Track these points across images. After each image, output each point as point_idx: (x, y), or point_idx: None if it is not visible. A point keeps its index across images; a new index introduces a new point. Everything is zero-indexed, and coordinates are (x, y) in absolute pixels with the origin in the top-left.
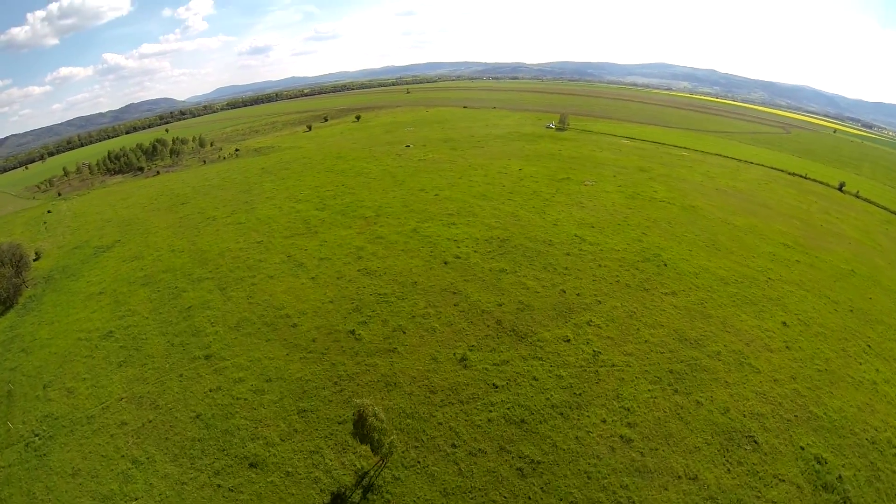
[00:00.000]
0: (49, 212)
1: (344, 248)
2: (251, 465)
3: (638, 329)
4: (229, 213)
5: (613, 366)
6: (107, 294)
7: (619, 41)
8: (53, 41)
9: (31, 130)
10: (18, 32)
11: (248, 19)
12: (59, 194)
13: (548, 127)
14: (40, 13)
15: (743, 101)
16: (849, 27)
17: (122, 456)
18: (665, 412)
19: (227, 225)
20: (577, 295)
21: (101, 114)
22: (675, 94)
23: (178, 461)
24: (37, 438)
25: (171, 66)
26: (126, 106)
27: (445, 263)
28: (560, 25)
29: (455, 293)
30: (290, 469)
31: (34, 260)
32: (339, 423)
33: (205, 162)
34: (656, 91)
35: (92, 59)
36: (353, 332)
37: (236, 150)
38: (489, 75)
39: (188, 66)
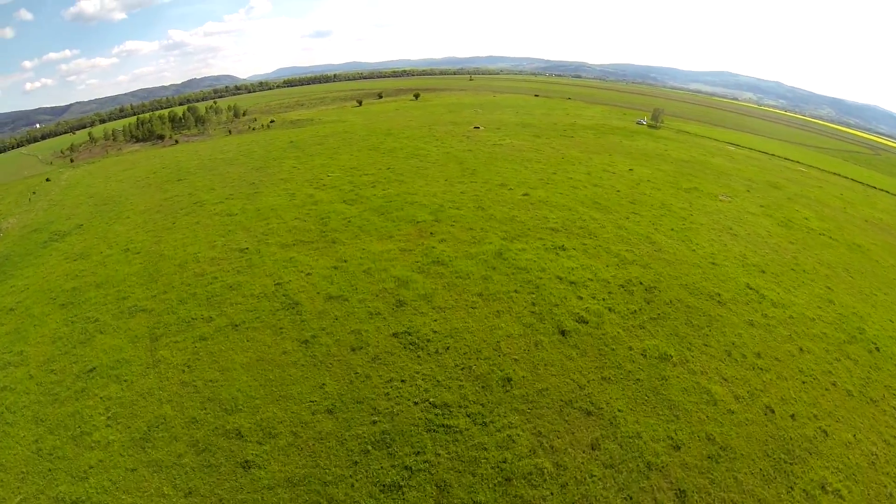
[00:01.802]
0: (47, 180)
1: (375, 278)
2: None
3: (891, 494)
4: (223, 198)
5: None
6: (16, 314)
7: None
8: (121, 15)
9: (96, 99)
10: (87, 5)
11: (313, 1)
12: (71, 161)
13: (639, 122)
14: None
15: (811, 117)
16: None
17: None
18: None
19: (212, 216)
20: (791, 417)
21: (163, 87)
22: (745, 104)
23: None
24: None
25: (234, 45)
26: (188, 80)
27: (563, 334)
28: (624, 26)
29: (589, 413)
30: None
31: None
32: None
33: (230, 132)
34: (725, 99)
35: (158, 35)
36: None
37: (271, 121)
38: (552, 72)
39: (251, 45)
